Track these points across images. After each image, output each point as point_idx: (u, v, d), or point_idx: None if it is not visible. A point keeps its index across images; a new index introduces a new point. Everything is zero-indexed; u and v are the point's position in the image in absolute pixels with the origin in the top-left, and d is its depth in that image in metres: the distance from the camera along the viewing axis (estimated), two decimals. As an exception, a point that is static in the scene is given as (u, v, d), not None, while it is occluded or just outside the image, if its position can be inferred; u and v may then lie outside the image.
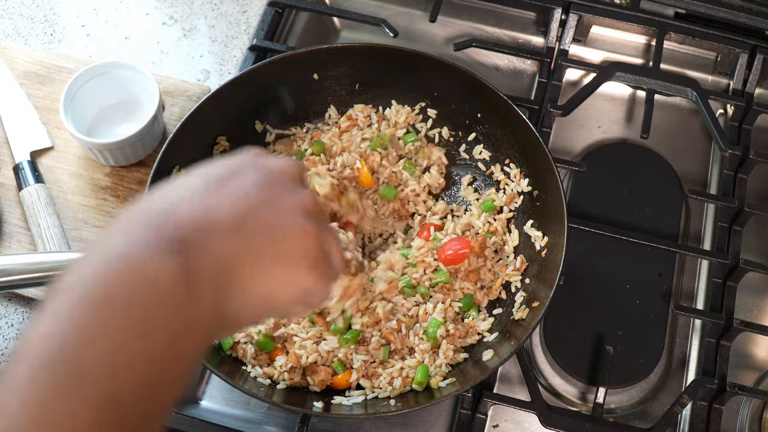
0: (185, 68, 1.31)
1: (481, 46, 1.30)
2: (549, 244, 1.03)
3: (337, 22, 1.40)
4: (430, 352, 1.00)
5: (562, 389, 1.08)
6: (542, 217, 1.06)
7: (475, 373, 0.97)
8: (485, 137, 1.14)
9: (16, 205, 1.15)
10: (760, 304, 1.16)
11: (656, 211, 1.21)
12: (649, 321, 1.12)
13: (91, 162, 1.19)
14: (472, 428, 1.02)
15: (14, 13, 1.36)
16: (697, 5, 1.33)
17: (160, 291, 0.53)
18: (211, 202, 0.61)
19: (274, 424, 1.05)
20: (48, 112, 1.23)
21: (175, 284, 0.54)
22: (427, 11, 1.36)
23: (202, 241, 0.58)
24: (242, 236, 0.61)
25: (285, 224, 0.64)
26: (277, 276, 0.63)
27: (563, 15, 1.32)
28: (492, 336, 1.02)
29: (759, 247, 1.20)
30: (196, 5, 1.38)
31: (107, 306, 0.51)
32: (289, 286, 0.65)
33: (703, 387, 1.03)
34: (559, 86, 1.26)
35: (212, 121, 1.09)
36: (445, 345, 1.00)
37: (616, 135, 1.29)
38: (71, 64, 1.26)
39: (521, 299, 1.03)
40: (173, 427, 0.97)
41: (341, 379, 0.99)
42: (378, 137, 1.11)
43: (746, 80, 1.29)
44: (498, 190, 1.12)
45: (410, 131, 1.16)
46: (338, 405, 0.96)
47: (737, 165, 1.21)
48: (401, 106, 1.16)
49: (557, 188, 1.02)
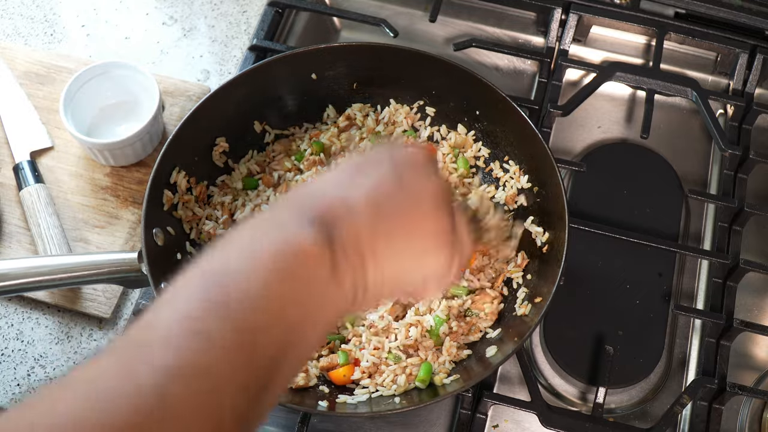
0: (185, 68, 1.31)
1: (481, 46, 1.30)
2: (550, 240, 1.04)
3: (337, 22, 1.40)
4: (433, 349, 1.00)
5: (562, 389, 1.08)
6: (543, 212, 1.06)
7: (479, 370, 0.97)
8: (484, 134, 1.14)
9: (16, 205, 1.15)
10: (760, 304, 1.16)
11: (656, 211, 1.21)
12: (649, 321, 1.12)
13: (91, 162, 1.19)
14: (472, 428, 1.02)
15: (14, 13, 1.36)
16: (697, 5, 1.33)
17: (308, 257, 0.59)
18: (349, 186, 0.66)
19: (274, 424, 1.04)
20: (48, 112, 1.23)
21: (320, 251, 0.60)
22: (427, 11, 1.36)
23: (341, 219, 0.62)
24: (378, 216, 0.65)
25: (419, 205, 0.68)
26: (411, 254, 0.67)
27: (563, 15, 1.32)
28: (495, 332, 1.02)
29: (759, 247, 1.20)
30: (196, 5, 1.38)
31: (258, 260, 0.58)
32: (423, 264, 0.69)
33: (703, 387, 1.03)
34: (559, 86, 1.26)
35: (212, 121, 1.09)
36: (449, 342, 1.00)
37: (616, 135, 1.29)
38: (71, 64, 1.26)
39: (523, 295, 1.03)
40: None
41: (339, 373, 0.99)
42: (375, 136, 1.11)
43: (746, 80, 1.29)
44: (497, 188, 1.12)
45: (408, 130, 1.16)
46: (343, 404, 0.96)
47: (737, 165, 1.21)
48: (400, 105, 1.16)
49: (557, 183, 1.02)
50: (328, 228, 0.61)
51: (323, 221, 0.61)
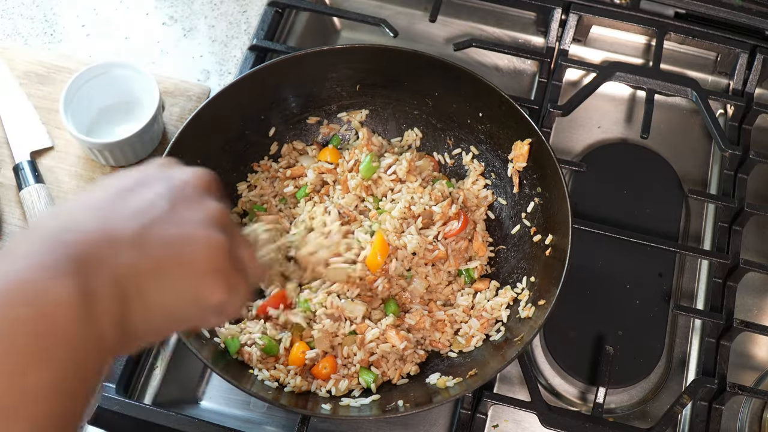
0: (185, 68, 1.31)
1: (481, 46, 1.30)
2: (554, 243, 1.03)
3: (337, 22, 1.40)
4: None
5: (562, 389, 1.08)
6: (546, 214, 1.06)
7: (482, 373, 0.97)
8: (487, 136, 1.14)
9: (16, 205, 1.15)
10: (760, 304, 1.16)
11: (656, 211, 1.21)
12: (649, 321, 1.12)
13: (91, 162, 1.19)
14: (472, 428, 1.02)
15: (14, 13, 1.36)
16: (697, 5, 1.33)
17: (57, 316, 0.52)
18: (112, 216, 0.60)
19: (274, 424, 1.05)
20: (48, 112, 1.23)
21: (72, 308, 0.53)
22: (427, 11, 1.36)
23: (101, 258, 0.56)
24: (143, 249, 0.59)
25: (187, 234, 0.62)
26: (181, 287, 0.61)
27: (563, 15, 1.32)
28: (499, 335, 1.02)
29: (759, 247, 1.20)
30: (196, 5, 1.38)
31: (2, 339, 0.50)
32: (195, 298, 0.62)
33: (703, 387, 1.04)
34: (559, 86, 1.26)
35: (217, 120, 1.09)
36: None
37: (616, 135, 1.29)
38: (71, 64, 1.26)
39: (527, 297, 1.03)
40: (173, 427, 0.97)
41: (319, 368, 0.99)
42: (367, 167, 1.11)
43: (746, 80, 1.29)
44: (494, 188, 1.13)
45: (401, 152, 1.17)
46: (346, 407, 0.96)
47: (737, 165, 1.21)
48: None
49: (561, 184, 1.02)
50: (85, 271, 0.54)
51: (79, 264, 0.55)
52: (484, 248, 1.10)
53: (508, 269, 1.09)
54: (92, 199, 0.62)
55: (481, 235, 1.11)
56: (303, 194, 1.12)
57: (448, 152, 1.17)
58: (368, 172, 1.10)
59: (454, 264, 1.07)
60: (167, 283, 0.60)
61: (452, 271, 1.08)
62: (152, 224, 0.60)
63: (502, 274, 1.09)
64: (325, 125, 1.18)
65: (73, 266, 0.54)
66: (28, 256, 0.55)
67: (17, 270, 0.53)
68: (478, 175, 1.14)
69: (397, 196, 1.09)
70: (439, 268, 1.07)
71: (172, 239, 0.61)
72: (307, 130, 1.18)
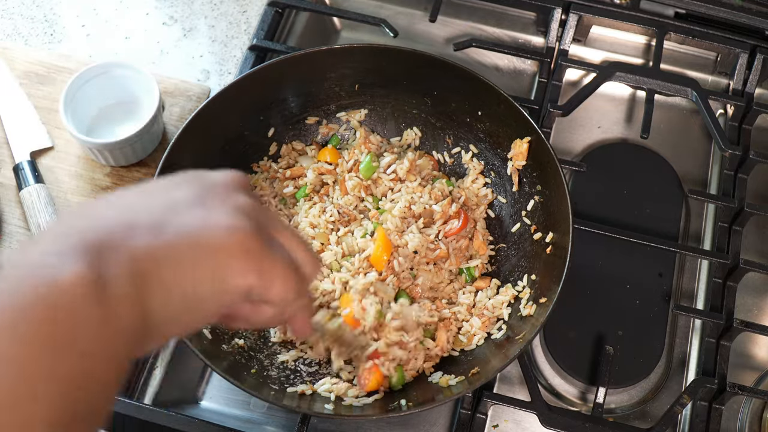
0: (185, 68, 1.31)
1: (481, 46, 1.30)
2: (554, 241, 1.04)
3: (337, 22, 1.40)
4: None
5: (562, 389, 1.08)
6: (546, 212, 1.06)
7: (484, 371, 0.97)
8: (486, 134, 1.14)
9: (16, 205, 1.15)
10: (760, 304, 1.16)
11: (656, 211, 1.21)
12: (649, 321, 1.12)
13: (91, 162, 1.19)
14: (472, 428, 1.02)
15: (14, 13, 1.36)
16: (697, 5, 1.33)
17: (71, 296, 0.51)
18: (135, 209, 0.59)
19: (274, 424, 1.05)
20: (48, 112, 1.23)
21: (85, 286, 0.51)
22: (427, 11, 1.36)
23: (115, 241, 0.55)
24: (160, 231, 0.58)
25: (208, 219, 0.60)
26: (199, 268, 0.59)
27: (563, 15, 1.32)
28: (500, 333, 1.02)
29: (759, 247, 1.20)
30: (196, 5, 1.38)
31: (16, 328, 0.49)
32: (215, 279, 0.60)
33: (703, 387, 1.03)
34: (559, 86, 1.26)
35: (216, 121, 1.09)
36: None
37: (616, 135, 1.29)
38: (71, 64, 1.26)
39: (528, 295, 1.03)
40: (173, 427, 0.97)
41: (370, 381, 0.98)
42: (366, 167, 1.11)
43: (746, 80, 1.29)
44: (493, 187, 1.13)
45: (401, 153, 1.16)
46: (348, 407, 0.96)
47: (737, 165, 1.21)
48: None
49: (560, 182, 1.02)
50: (100, 254, 0.53)
51: (96, 247, 0.54)
52: (484, 247, 1.10)
53: (509, 267, 1.09)
54: (118, 196, 0.62)
55: (482, 233, 1.11)
56: (302, 194, 1.12)
57: (447, 151, 1.17)
58: (368, 171, 1.10)
59: (455, 263, 1.07)
60: (184, 263, 0.58)
61: (453, 270, 1.08)
62: (175, 214, 0.59)
63: (503, 273, 1.09)
64: (324, 125, 1.18)
65: (88, 249, 0.53)
66: (42, 244, 0.55)
67: (31, 258, 0.53)
68: (477, 173, 1.14)
69: (396, 196, 1.09)
70: (441, 267, 1.07)
71: (192, 223, 0.60)
72: (306, 131, 1.18)
